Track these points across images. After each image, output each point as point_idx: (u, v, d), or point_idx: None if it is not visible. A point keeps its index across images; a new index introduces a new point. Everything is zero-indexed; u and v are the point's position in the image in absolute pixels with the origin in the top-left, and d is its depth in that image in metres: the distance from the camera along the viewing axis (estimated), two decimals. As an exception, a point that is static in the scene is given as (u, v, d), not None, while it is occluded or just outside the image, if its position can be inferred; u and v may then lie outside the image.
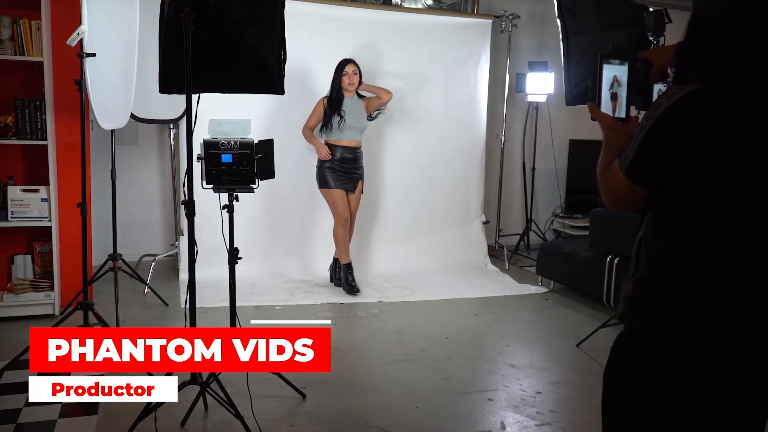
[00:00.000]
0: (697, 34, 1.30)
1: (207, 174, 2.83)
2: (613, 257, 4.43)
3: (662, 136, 1.27)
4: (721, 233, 1.25)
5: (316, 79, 5.20)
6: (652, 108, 1.28)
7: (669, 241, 1.31)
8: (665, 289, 1.30)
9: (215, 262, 4.02)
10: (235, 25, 2.67)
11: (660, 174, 1.29)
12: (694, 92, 1.22)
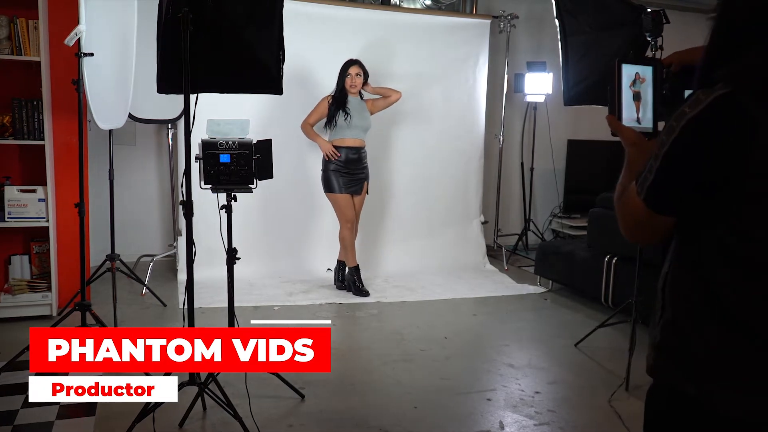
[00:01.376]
0: (725, 27, 1.11)
1: (205, 174, 2.83)
2: (611, 257, 4.43)
3: (687, 154, 1.04)
4: (761, 267, 1.04)
5: (313, 78, 5.20)
6: (674, 119, 1.06)
7: (698, 276, 1.11)
8: (697, 334, 1.10)
9: (214, 262, 4.02)
10: (234, 24, 2.67)
11: (685, 200, 1.08)
12: (725, 96, 1.00)
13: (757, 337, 1.06)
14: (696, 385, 1.11)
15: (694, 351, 1.11)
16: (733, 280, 1.06)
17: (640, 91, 1.25)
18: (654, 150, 1.10)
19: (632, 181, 1.16)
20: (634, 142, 1.23)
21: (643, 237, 1.21)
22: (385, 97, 4.91)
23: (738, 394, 1.07)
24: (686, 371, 1.13)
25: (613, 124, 1.25)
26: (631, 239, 1.23)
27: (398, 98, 4.93)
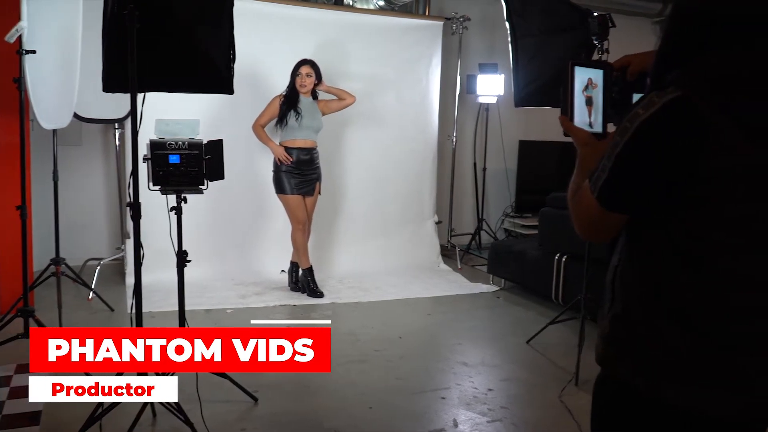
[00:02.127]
0: (678, 29, 1.13)
1: (154, 175, 2.77)
2: (561, 256, 4.52)
3: (640, 154, 1.07)
4: (710, 265, 1.08)
5: (265, 78, 5.15)
6: (628, 120, 1.08)
7: (648, 272, 1.14)
8: (645, 327, 1.14)
9: (164, 265, 3.92)
10: (182, 22, 2.62)
11: (638, 199, 1.11)
12: (678, 99, 1.03)
13: (703, 331, 1.09)
14: (644, 377, 1.14)
15: (642, 344, 1.14)
16: (681, 277, 1.10)
17: (592, 96, 1.27)
18: (608, 149, 1.12)
19: (585, 180, 1.18)
20: (586, 143, 1.25)
21: (597, 234, 1.22)
22: (340, 99, 4.89)
23: (685, 385, 1.11)
24: (634, 363, 1.15)
25: (566, 124, 1.26)
26: (585, 237, 1.25)
27: (352, 102, 4.92)
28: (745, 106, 1.02)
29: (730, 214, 1.05)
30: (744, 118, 1.01)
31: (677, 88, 1.04)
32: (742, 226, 1.06)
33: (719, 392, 1.10)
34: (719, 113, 1.01)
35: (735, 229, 1.06)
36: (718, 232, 1.06)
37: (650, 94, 1.07)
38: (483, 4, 6.46)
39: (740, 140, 1.01)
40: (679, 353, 1.11)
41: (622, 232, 1.20)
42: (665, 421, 1.14)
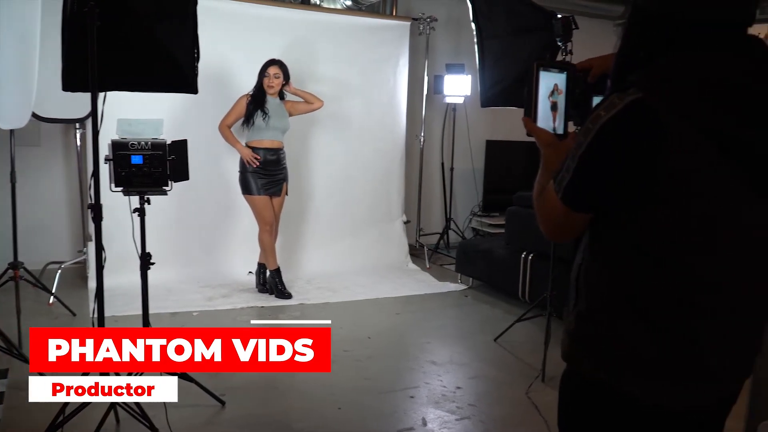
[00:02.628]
0: (637, 31, 1.15)
1: (116, 176, 2.72)
2: (527, 254, 4.57)
3: (602, 155, 1.09)
4: (670, 263, 1.10)
5: (232, 78, 5.10)
6: (589, 121, 1.10)
7: (611, 270, 1.16)
8: (608, 324, 1.16)
9: (127, 268, 3.85)
10: (144, 20, 2.57)
11: (601, 199, 1.12)
12: (638, 101, 1.04)
13: (664, 327, 1.12)
14: (607, 372, 1.16)
15: (605, 340, 1.17)
16: (641, 274, 1.12)
17: (557, 102, 1.28)
18: (571, 150, 1.14)
19: (549, 180, 1.20)
20: (549, 143, 1.26)
21: (562, 234, 1.24)
22: (308, 102, 4.86)
23: (647, 379, 1.13)
24: (598, 359, 1.18)
25: (529, 125, 1.27)
26: (550, 236, 1.26)
27: (320, 107, 4.91)
28: (701, 109, 1.04)
29: (689, 213, 1.07)
30: (700, 120, 1.03)
31: (638, 90, 1.05)
32: (701, 226, 1.08)
33: (680, 386, 1.14)
34: (677, 115, 1.03)
35: (694, 229, 1.08)
36: (678, 231, 1.08)
37: (611, 96, 1.08)
38: (449, 4, 6.50)
39: (697, 142, 1.03)
40: (641, 349, 1.13)
41: (586, 231, 1.22)
42: (628, 414, 1.17)
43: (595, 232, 1.19)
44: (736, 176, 1.06)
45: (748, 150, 1.06)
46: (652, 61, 1.10)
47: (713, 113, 1.04)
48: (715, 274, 1.11)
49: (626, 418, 1.17)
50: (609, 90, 1.15)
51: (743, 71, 1.07)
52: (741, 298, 1.14)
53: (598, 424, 1.22)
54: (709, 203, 1.07)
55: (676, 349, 1.12)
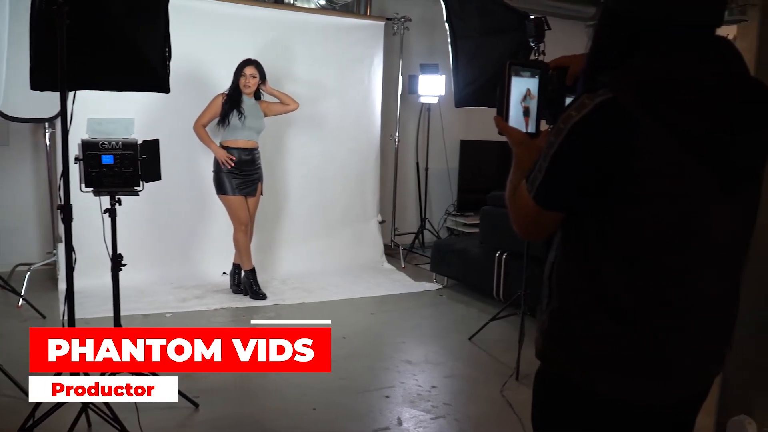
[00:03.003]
0: (608, 32, 1.17)
1: (86, 176, 2.69)
2: (501, 253, 4.61)
3: (574, 155, 1.10)
4: (640, 261, 1.11)
5: (206, 77, 5.06)
6: (561, 121, 1.11)
7: (583, 268, 1.17)
8: (580, 322, 1.17)
9: (98, 269, 3.80)
10: (114, 18, 2.53)
11: (573, 198, 1.13)
12: (609, 101, 1.05)
13: (635, 325, 1.13)
14: (580, 369, 1.18)
15: (578, 337, 1.18)
16: (613, 273, 1.13)
17: (529, 107, 1.27)
18: (543, 150, 1.14)
19: (521, 179, 1.20)
20: (521, 142, 1.26)
21: (535, 233, 1.24)
22: (283, 103, 4.84)
23: (619, 376, 1.15)
24: (571, 356, 1.19)
25: (500, 125, 1.27)
26: (523, 235, 1.27)
27: (295, 108, 4.89)
28: (670, 110, 1.05)
29: (658, 213, 1.09)
30: (669, 121, 1.04)
31: (608, 90, 1.06)
32: (669, 225, 1.10)
33: (651, 383, 1.16)
34: (646, 115, 1.04)
35: (663, 228, 1.10)
36: (647, 230, 1.10)
37: (582, 96, 1.10)
38: (423, 4, 6.51)
39: (666, 142, 1.05)
40: (613, 346, 1.15)
41: (558, 230, 1.23)
42: (601, 411, 1.19)
43: (567, 231, 1.20)
44: (705, 177, 1.08)
45: (717, 152, 1.08)
46: (623, 61, 1.11)
47: (683, 115, 1.05)
48: (683, 272, 1.13)
49: (599, 415, 1.19)
50: (580, 90, 1.16)
51: (712, 73, 1.09)
52: (709, 296, 1.17)
53: (572, 421, 1.23)
54: (678, 203, 1.08)
55: (646, 347, 1.14)
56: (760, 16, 2.33)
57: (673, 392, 1.19)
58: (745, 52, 2.27)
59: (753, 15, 2.35)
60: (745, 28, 2.38)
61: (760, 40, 2.33)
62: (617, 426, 1.19)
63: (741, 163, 1.11)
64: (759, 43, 2.33)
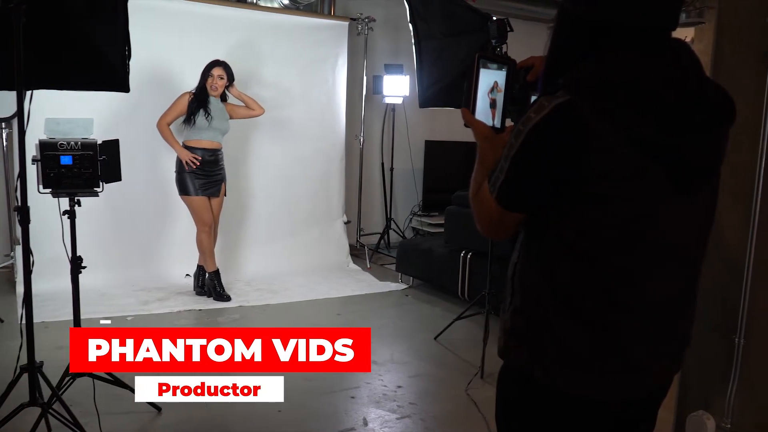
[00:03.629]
0: (565, 35, 1.18)
1: (44, 177, 2.63)
2: (466, 252, 4.65)
3: (532, 156, 1.11)
4: (596, 260, 1.13)
5: (167, 76, 4.99)
6: (521, 123, 1.12)
7: (543, 268, 1.18)
8: (541, 320, 1.18)
9: (57, 272, 3.72)
10: (73, 17, 2.48)
11: (533, 199, 1.15)
12: (565, 104, 1.07)
13: (593, 322, 1.15)
14: (541, 367, 1.19)
15: (539, 336, 1.19)
16: (572, 272, 1.15)
17: (496, 99, 1.28)
18: (504, 151, 1.16)
19: (485, 176, 1.21)
20: (486, 136, 1.27)
21: (497, 232, 1.25)
22: (249, 107, 4.80)
23: (578, 373, 1.17)
24: (532, 354, 1.20)
25: (467, 117, 1.27)
26: (486, 234, 1.28)
27: (260, 114, 4.86)
28: (625, 113, 1.06)
29: (612, 213, 1.11)
30: (624, 123, 1.06)
31: (566, 92, 1.08)
32: (624, 225, 1.11)
33: (610, 379, 1.18)
34: (600, 118, 1.06)
35: (617, 228, 1.12)
36: (603, 230, 1.12)
37: (541, 99, 1.11)
38: (387, 5, 6.53)
39: (621, 144, 1.06)
40: (573, 344, 1.16)
41: (521, 230, 1.25)
42: (562, 408, 1.20)
43: (528, 231, 1.22)
44: (659, 177, 1.10)
45: (671, 153, 1.10)
46: (581, 63, 1.12)
47: (637, 117, 1.07)
48: (638, 271, 1.15)
49: (560, 411, 1.21)
50: (539, 92, 1.18)
51: (666, 75, 1.10)
52: (663, 295, 1.19)
53: (534, 418, 1.25)
54: (632, 204, 1.10)
55: (604, 344, 1.16)
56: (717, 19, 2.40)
57: (632, 389, 1.21)
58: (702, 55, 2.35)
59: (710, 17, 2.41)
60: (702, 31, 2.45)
61: (717, 43, 2.40)
62: (579, 423, 1.21)
63: (696, 163, 1.14)
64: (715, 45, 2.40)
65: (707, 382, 2.54)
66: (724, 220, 2.33)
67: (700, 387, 2.57)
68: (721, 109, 1.17)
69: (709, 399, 2.54)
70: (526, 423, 1.27)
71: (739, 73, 2.35)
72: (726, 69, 2.38)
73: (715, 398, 2.51)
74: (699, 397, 2.57)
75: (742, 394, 2.45)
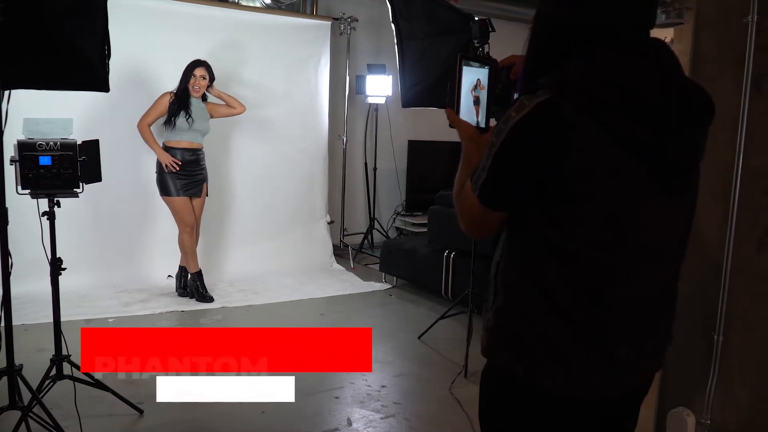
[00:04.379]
0: (543, 36, 1.19)
1: (23, 178, 2.59)
2: (449, 252, 4.66)
3: (514, 155, 1.12)
4: (578, 258, 1.14)
5: (148, 75, 4.94)
6: (502, 122, 1.13)
7: (525, 266, 1.19)
8: (524, 319, 1.19)
9: (36, 274, 3.66)
10: (51, 16, 2.44)
11: (515, 197, 1.16)
12: (546, 103, 1.07)
13: (575, 321, 1.16)
14: (523, 365, 1.19)
15: (522, 334, 1.19)
16: (555, 271, 1.15)
17: (479, 96, 1.29)
18: (486, 150, 1.16)
19: (469, 176, 1.22)
20: (471, 136, 1.27)
21: (480, 231, 1.25)
22: (229, 105, 4.77)
23: (562, 372, 1.17)
24: (515, 353, 1.21)
25: (452, 117, 1.28)
26: (469, 233, 1.28)
27: (242, 112, 4.83)
28: (606, 112, 1.07)
29: (594, 211, 1.11)
30: (605, 122, 1.07)
31: (546, 91, 1.08)
32: (606, 223, 1.12)
33: (592, 377, 1.18)
34: (581, 116, 1.06)
35: (600, 226, 1.12)
36: (585, 228, 1.12)
37: (522, 98, 1.12)
38: (370, 5, 6.53)
39: (601, 142, 1.07)
40: (555, 342, 1.17)
41: (504, 228, 1.25)
42: (545, 406, 1.21)
43: (511, 230, 1.23)
44: (641, 176, 1.11)
45: (653, 151, 1.11)
46: (561, 63, 1.13)
47: (619, 116, 1.07)
48: (620, 269, 1.16)
49: (543, 409, 1.21)
50: (519, 91, 1.19)
51: (646, 74, 1.11)
52: (644, 293, 1.20)
53: (518, 417, 1.25)
54: (613, 202, 1.11)
55: (587, 342, 1.16)
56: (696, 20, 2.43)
57: (614, 387, 1.21)
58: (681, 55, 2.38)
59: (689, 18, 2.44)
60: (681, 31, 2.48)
61: (696, 43, 2.43)
62: (562, 421, 1.21)
63: (678, 162, 1.15)
64: (694, 45, 2.43)
65: (687, 379, 2.57)
66: (704, 220, 2.36)
67: (680, 384, 2.59)
68: (701, 108, 1.18)
69: (689, 396, 2.56)
70: (509, 422, 1.27)
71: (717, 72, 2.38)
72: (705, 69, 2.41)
73: (695, 395, 2.54)
74: (679, 393, 2.60)
75: (722, 390, 2.48)
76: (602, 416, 1.25)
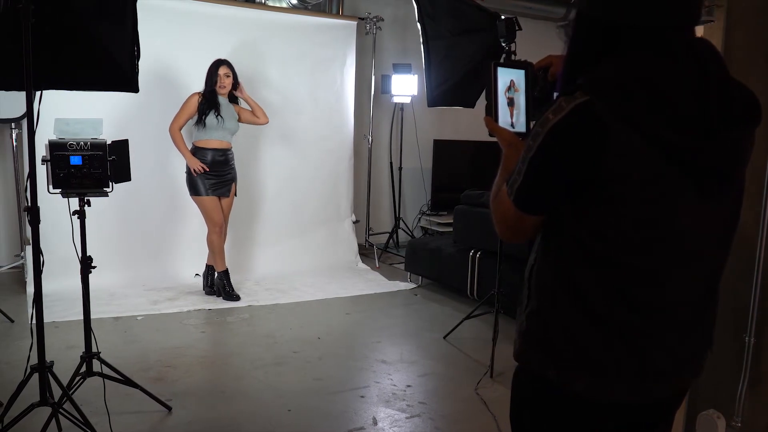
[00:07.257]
0: (583, 36, 1.17)
1: (54, 177, 2.64)
2: (475, 252, 4.64)
3: (551, 158, 1.10)
4: (614, 263, 1.12)
5: (177, 76, 5.01)
6: (539, 125, 1.11)
7: (560, 270, 1.17)
8: (557, 322, 1.17)
9: (68, 272, 3.74)
10: (81, 17, 2.48)
11: (551, 201, 1.14)
12: (584, 105, 1.05)
13: (610, 326, 1.13)
14: (557, 370, 1.17)
15: (555, 338, 1.18)
16: (589, 275, 1.13)
17: (514, 98, 1.29)
18: (522, 153, 1.14)
19: (506, 181, 1.20)
20: (511, 142, 1.26)
21: (515, 235, 1.24)
22: (254, 113, 4.81)
23: (596, 376, 1.15)
24: (547, 356, 1.19)
25: (491, 125, 1.28)
26: (504, 238, 1.27)
27: (264, 123, 4.89)
28: (644, 114, 1.04)
29: (631, 215, 1.09)
30: (643, 125, 1.04)
31: (584, 93, 1.06)
32: (642, 227, 1.09)
33: (627, 383, 1.16)
34: (618, 118, 1.04)
35: (636, 229, 1.10)
36: (622, 231, 1.10)
37: (559, 99, 1.10)
38: (395, 4, 6.53)
39: (640, 146, 1.04)
40: (589, 346, 1.15)
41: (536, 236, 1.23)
42: (578, 411, 1.19)
43: (545, 233, 1.21)
44: (679, 179, 1.08)
45: (691, 154, 1.07)
46: (600, 62, 1.11)
47: (656, 119, 1.04)
48: (657, 273, 1.13)
49: (575, 413, 1.19)
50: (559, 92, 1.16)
51: (686, 74, 1.08)
52: (684, 297, 1.17)
53: (549, 421, 1.24)
54: (651, 206, 1.08)
55: (620, 348, 1.14)
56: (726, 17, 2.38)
57: (648, 393, 1.18)
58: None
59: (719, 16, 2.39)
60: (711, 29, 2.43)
61: (726, 41, 2.38)
62: (594, 425, 1.20)
63: (717, 164, 1.11)
64: (725, 43, 2.38)
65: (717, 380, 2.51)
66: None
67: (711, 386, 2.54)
68: (745, 110, 1.14)
69: (720, 398, 2.51)
70: (541, 426, 1.26)
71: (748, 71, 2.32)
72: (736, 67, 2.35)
73: (726, 397, 2.49)
74: (709, 395, 2.55)
75: (753, 392, 2.43)
76: (634, 421, 1.22)
